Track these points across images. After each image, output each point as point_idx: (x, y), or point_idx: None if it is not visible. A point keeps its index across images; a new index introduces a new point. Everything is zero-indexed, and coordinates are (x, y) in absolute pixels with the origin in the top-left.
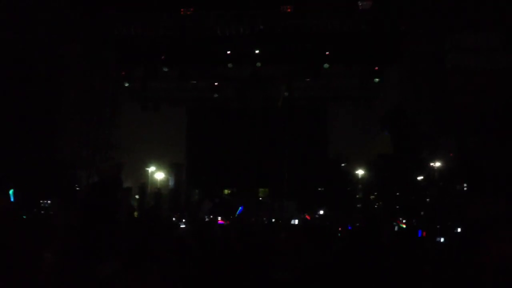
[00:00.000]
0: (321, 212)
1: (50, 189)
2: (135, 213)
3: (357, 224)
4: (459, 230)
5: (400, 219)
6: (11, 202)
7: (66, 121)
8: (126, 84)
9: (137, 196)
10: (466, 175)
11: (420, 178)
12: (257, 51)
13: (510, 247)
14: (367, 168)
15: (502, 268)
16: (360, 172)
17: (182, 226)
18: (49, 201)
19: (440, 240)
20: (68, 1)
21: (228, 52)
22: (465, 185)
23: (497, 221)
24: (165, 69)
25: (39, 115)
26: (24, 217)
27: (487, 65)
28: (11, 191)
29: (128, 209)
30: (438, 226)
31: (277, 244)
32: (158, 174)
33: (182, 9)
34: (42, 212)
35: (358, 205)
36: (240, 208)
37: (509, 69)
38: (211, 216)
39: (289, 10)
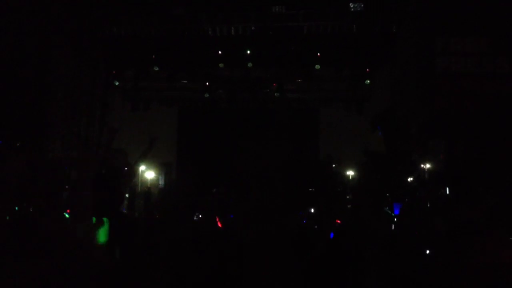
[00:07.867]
0: (312, 211)
1: (41, 189)
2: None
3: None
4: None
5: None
6: None
7: (56, 121)
8: (116, 83)
9: (127, 195)
10: (453, 178)
11: (410, 179)
12: (248, 52)
13: (489, 251)
14: (358, 170)
15: (479, 271)
16: (351, 173)
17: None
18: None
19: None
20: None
21: (220, 52)
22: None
23: (477, 226)
24: (156, 69)
25: (28, 114)
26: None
27: (476, 69)
28: None
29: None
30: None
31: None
32: (148, 174)
33: (173, 9)
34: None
35: (348, 206)
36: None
37: (497, 73)
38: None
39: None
